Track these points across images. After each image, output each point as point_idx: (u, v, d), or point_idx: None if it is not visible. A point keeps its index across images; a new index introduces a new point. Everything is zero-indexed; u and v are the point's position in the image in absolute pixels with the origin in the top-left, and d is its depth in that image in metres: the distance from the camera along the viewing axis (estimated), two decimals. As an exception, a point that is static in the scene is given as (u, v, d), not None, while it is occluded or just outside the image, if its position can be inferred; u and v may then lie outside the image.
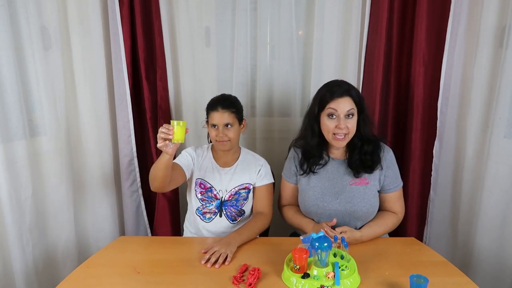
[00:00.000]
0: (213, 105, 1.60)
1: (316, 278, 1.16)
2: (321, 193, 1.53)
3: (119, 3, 1.83)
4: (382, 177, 1.53)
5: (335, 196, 1.52)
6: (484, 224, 1.70)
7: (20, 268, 1.69)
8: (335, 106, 1.44)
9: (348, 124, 1.45)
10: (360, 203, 1.49)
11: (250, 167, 1.67)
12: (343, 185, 1.52)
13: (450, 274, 1.25)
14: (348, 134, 1.46)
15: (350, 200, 1.49)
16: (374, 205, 1.52)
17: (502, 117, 1.62)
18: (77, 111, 1.92)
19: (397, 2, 1.80)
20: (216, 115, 1.57)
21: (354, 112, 1.46)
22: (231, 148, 1.64)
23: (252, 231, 1.52)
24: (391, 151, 1.57)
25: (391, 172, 1.54)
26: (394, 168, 1.56)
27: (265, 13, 2.02)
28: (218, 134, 1.57)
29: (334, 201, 1.51)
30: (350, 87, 1.49)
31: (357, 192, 1.50)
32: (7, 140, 1.62)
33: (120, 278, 1.24)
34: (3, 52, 1.60)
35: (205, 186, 1.64)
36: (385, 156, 1.54)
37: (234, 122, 1.59)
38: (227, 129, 1.57)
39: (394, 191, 1.55)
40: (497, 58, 1.62)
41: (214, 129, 1.59)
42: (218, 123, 1.57)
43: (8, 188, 1.61)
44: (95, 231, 2.05)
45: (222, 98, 1.64)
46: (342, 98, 1.45)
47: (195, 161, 1.67)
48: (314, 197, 1.54)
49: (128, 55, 1.90)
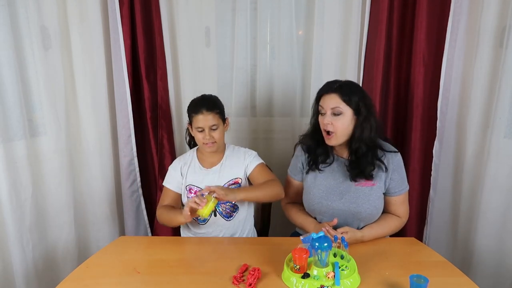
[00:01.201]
0: (196, 108, 1.56)
1: (316, 278, 1.16)
2: (326, 191, 1.53)
3: (119, 3, 1.83)
4: (388, 180, 1.50)
5: (339, 196, 1.51)
6: (484, 224, 1.70)
7: (20, 268, 1.69)
8: (322, 103, 1.47)
9: (334, 121, 1.44)
10: (364, 204, 1.48)
11: (236, 160, 1.65)
12: (348, 185, 1.51)
13: (450, 274, 1.24)
14: (336, 133, 1.45)
15: (355, 201, 1.48)
16: (378, 207, 1.51)
17: (502, 117, 1.62)
18: (77, 111, 1.92)
19: (397, 2, 1.80)
20: (201, 118, 1.54)
21: (342, 110, 1.43)
22: (218, 149, 1.64)
23: (262, 188, 1.53)
24: (399, 155, 1.53)
25: (397, 176, 1.51)
26: (401, 171, 1.53)
27: (265, 13, 2.02)
28: (205, 137, 1.55)
29: (339, 201, 1.50)
30: (344, 85, 1.46)
31: (362, 193, 1.49)
32: (7, 140, 1.62)
33: (120, 278, 1.24)
34: (3, 52, 1.60)
35: (195, 192, 1.63)
36: (392, 159, 1.50)
37: (219, 123, 1.57)
38: (213, 131, 1.56)
39: (399, 195, 1.52)
40: (497, 58, 1.62)
41: (200, 133, 1.57)
42: (204, 126, 1.54)
43: (8, 188, 1.61)
44: (95, 231, 2.05)
45: (204, 100, 1.60)
46: (328, 95, 1.45)
47: (183, 172, 1.65)
48: (318, 195, 1.53)
49: (128, 55, 1.90)
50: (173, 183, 1.65)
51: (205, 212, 1.38)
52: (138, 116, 2.02)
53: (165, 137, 2.01)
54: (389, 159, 1.51)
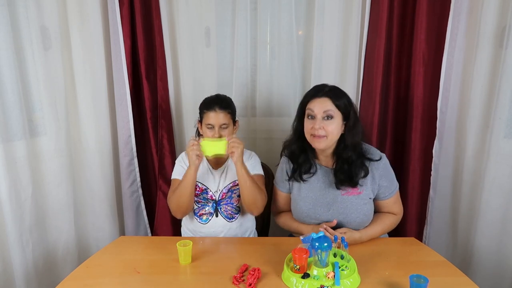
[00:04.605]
0: (209, 105, 1.57)
1: (316, 278, 1.16)
2: (312, 204, 1.50)
3: (119, 3, 1.83)
4: (376, 187, 1.48)
5: (327, 208, 1.48)
6: (484, 224, 1.70)
7: (20, 268, 1.69)
8: (312, 106, 1.43)
9: (325, 125, 1.41)
10: (353, 214, 1.46)
11: None
12: (334, 195, 1.48)
13: (450, 274, 1.25)
14: (328, 137, 1.41)
15: (343, 211, 1.46)
16: (368, 214, 1.49)
17: (502, 117, 1.62)
18: (77, 111, 1.92)
19: (397, 2, 1.80)
20: (213, 115, 1.55)
21: (334, 114, 1.41)
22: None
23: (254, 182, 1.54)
24: (384, 159, 1.50)
25: (385, 181, 1.49)
26: (389, 175, 1.51)
27: (265, 13, 2.02)
28: (214, 135, 1.56)
29: (326, 213, 1.48)
30: (333, 90, 1.45)
31: (349, 203, 1.46)
32: (7, 140, 1.62)
33: (120, 278, 1.24)
34: (3, 52, 1.60)
35: (200, 188, 1.63)
36: (377, 166, 1.48)
37: (229, 123, 1.58)
38: (222, 129, 1.56)
39: (390, 197, 1.52)
40: (497, 58, 1.62)
41: (209, 130, 1.57)
42: (215, 123, 1.55)
43: (8, 188, 1.62)
44: (95, 231, 2.05)
45: (218, 98, 1.62)
46: (319, 99, 1.43)
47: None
48: (306, 208, 1.51)
49: (128, 55, 1.90)
50: (183, 173, 1.62)
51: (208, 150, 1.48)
52: (138, 116, 2.02)
53: (165, 137, 2.01)
54: (373, 165, 1.48)
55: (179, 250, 1.30)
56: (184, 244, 1.30)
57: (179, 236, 1.73)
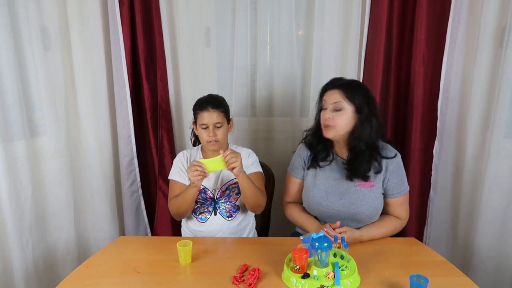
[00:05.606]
0: (202, 105, 1.58)
1: (316, 278, 1.16)
2: (325, 191, 1.53)
3: (119, 3, 1.83)
4: (386, 181, 1.50)
5: (339, 196, 1.51)
6: (484, 224, 1.70)
7: (20, 268, 1.69)
8: (325, 98, 1.49)
9: (334, 117, 1.45)
10: (363, 206, 1.48)
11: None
12: (348, 185, 1.51)
13: (450, 274, 1.24)
14: (335, 127, 1.46)
15: (354, 202, 1.48)
16: (377, 208, 1.51)
17: (502, 117, 1.62)
18: (77, 111, 1.92)
19: (397, 2, 1.80)
20: (206, 115, 1.56)
21: (343, 107, 1.44)
22: (220, 148, 1.64)
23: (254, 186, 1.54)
24: (398, 156, 1.53)
25: (395, 178, 1.50)
26: (400, 173, 1.52)
27: (265, 13, 2.02)
28: (208, 134, 1.57)
29: (338, 202, 1.50)
30: (348, 83, 1.49)
31: (361, 194, 1.48)
32: (7, 140, 1.62)
33: (120, 278, 1.24)
34: (3, 52, 1.60)
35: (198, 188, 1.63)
36: (391, 161, 1.50)
37: (223, 122, 1.59)
38: (217, 129, 1.57)
39: (397, 197, 1.52)
40: (497, 58, 1.62)
41: (204, 130, 1.58)
42: (208, 122, 1.56)
43: (8, 188, 1.62)
44: (95, 231, 2.05)
45: (211, 98, 1.63)
46: (331, 91, 1.47)
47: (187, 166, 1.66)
48: (318, 195, 1.53)
49: (128, 55, 1.90)
50: (181, 175, 1.65)
51: (212, 166, 1.45)
52: (138, 116, 2.03)
53: (165, 137, 2.02)
54: (387, 161, 1.50)
55: (179, 250, 1.30)
56: (184, 244, 1.30)
57: (179, 236, 1.73)
